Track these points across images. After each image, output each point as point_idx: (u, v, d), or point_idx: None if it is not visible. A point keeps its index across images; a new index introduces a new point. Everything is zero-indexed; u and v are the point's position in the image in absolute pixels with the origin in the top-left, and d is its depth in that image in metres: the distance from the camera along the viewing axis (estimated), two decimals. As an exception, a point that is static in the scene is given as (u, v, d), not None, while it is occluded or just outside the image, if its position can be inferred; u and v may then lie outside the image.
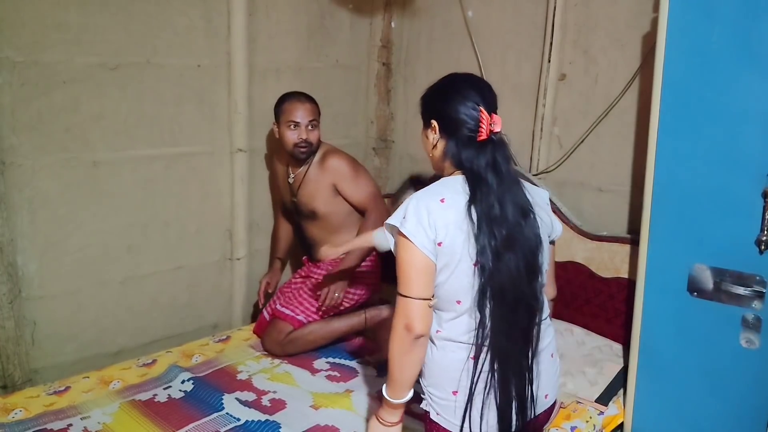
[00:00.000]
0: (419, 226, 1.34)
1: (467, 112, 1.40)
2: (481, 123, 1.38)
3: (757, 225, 1.70)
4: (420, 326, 1.35)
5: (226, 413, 1.93)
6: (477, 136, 1.39)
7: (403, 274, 1.36)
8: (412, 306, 1.35)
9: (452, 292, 1.38)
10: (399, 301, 1.37)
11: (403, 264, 1.36)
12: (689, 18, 1.75)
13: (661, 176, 1.87)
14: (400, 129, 3.21)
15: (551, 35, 2.52)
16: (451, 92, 1.44)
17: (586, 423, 1.96)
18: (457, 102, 1.42)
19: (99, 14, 2.14)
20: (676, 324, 1.90)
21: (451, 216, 1.36)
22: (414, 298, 1.35)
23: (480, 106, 1.39)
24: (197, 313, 2.64)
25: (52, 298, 2.20)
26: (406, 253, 1.36)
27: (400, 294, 1.36)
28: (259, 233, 2.79)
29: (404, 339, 1.36)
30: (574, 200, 2.57)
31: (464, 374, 1.41)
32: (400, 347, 1.38)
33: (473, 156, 1.39)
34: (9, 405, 1.92)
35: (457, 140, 1.41)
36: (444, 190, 1.40)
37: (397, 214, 1.39)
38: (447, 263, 1.36)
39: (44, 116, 2.08)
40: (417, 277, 1.35)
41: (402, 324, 1.36)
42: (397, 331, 1.37)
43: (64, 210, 2.18)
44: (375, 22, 3.09)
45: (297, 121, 2.33)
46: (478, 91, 1.43)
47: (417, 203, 1.37)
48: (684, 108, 1.80)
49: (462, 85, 1.45)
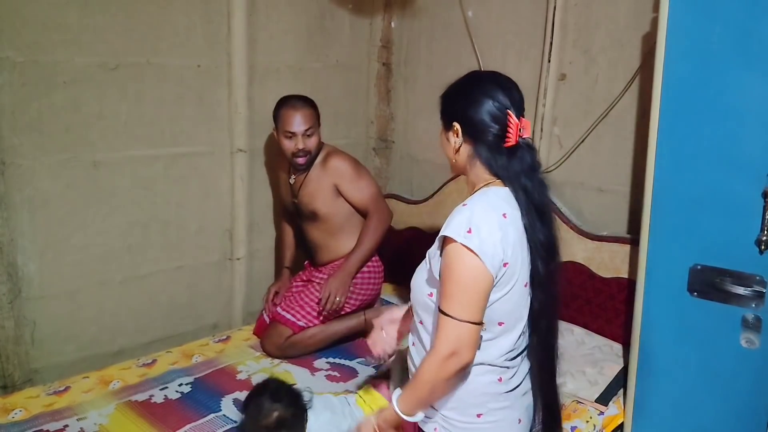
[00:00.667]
0: (490, 244, 1.22)
1: (494, 114, 1.30)
2: (509, 127, 1.29)
3: (757, 225, 1.70)
4: (470, 355, 1.23)
5: (223, 414, 1.93)
6: (504, 141, 1.30)
7: (459, 294, 1.22)
8: (466, 331, 1.21)
9: (499, 314, 1.30)
10: (447, 324, 1.22)
11: (463, 282, 1.22)
12: (689, 18, 1.74)
13: (661, 176, 1.87)
14: (400, 129, 3.21)
15: (551, 35, 2.52)
16: (476, 92, 1.32)
17: (586, 423, 1.95)
18: (482, 103, 1.30)
19: (99, 14, 2.14)
20: (676, 324, 1.90)
21: (513, 234, 1.27)
22: (470, 322, 1.22)
23: (508, 109, 1.30)
24: (197, 313, 2.64)
25: (52, 298, 2.20)
26: (469, 272, 1.22)
27: (450, 316, 1.22)
28: (259, 233, 2.79)
29: (450, 368, 1.23)
30: (574, 200, 2.56)
31: (491, 397, 1.34)
32: (441, 373, 1.24)
33: (507, 164, 1.30)
34: (9, 405, 1.92)
35: (484, 145, 1.32)
36: (502, 204, 1.29)
37: (456, 225, 1.24)
38: (504, 284, 1.27)
39: (44, 116, 2.08)
40: (478, 299, 1.22)
41: (449, 349, 1.22)
42: (440, 357, 1.23)
43: (64, 210, 2.18)
44: (375, 22, 3.09)
45: (293, 131, 2.30)
46: (505, 91, 1.32)
47: (482, 215, 1.25)
48: (684, 108, 1.79)
49: (488, 84, 1.33)
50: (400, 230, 2.99)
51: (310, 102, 2.38)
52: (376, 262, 2.49)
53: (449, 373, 1.24)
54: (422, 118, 3.06)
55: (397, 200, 3.05)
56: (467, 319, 1.22)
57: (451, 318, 1.22)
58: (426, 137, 3.04)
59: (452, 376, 1.25)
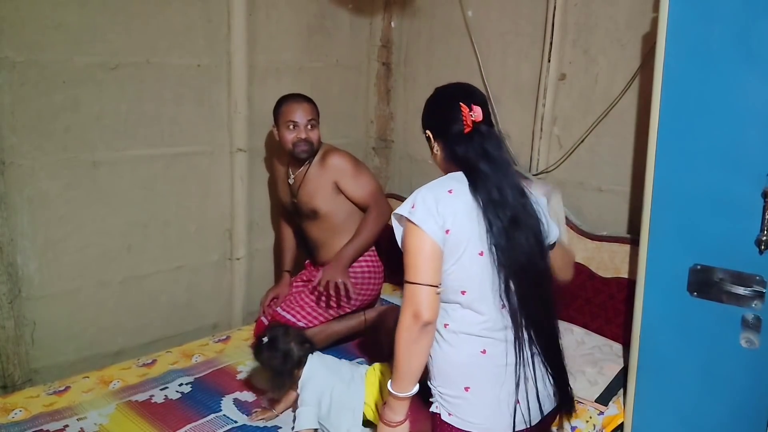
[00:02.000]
0: (428, 214, 1.37)
1: (451, 110, 1.45)
2: (463, 116, 1.43)
3: (757, 225, 1.70)
4: (428, 313, 1.36)
5: (223, 415, 1.93)
6: (464, 130, 1.44)
7: (411, 261, 1.38)
8: (421, 292, 1.36)
9: (457, 282, 1.40)
10: (407, 289, 1.38)
11: (412, 251, 1.38)
12: (689, 18, 1.74)
13: (661, 176, 1.87)
14: (400, 129, 3.21)
15: (551, 35, 2.52)
16: (436, 100, 1.53)
17: (586, 423, 1.96)
18: (440, 106, 1.50)
19: (99, 14, 2.14)
20: (676, 324, 1.90)
21: (459, 205, 1.40)
22: (422, 284, 1.36)
23: (459, 101, 1.44)
24: (197, 313, 2.64)
25: (52, 298, 2.20)
26: (415, 240, 1.38)
27: (408, 281, 1.38)
28: (258, 233, 2.79)
29: (412, 327, 1.36)
30: (574, 200, 2.56)
31: (476, 369, 1.42)
32: (408, 336, 1.37)
33: (464, 149, 1.44)
34: (9, 405, 1.92)
35: (447, 139, 1.47)
36: (451, 182, 1.44)
37: (405, 205, 1.42)
38: (452, 251, 1.39)
39: (44, 116, 2.08)
40: (425, 263, 1.37)
41: (410, 312, 1.36)
42: (405, 319, 1.37)
43: (64, 210, 2.18)
44: (375, 22, 3.09)
45: (296, 121, 2.31)
46: (457, 89, 1.50)
47: (425, 193, 1.41)
48: (684, 108, 1.79)
49: (443, 90, 1.53)
50: (400, 230, 2.98)
51: (311, 99, 2.39)
52: (376, 261, 2.49)
53: (414, 333, 1.36)
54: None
55: (397, 200, 3.04)
56: (421, 282, 1.36)
57: (409, 283, 1.37)
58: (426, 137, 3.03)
59: (419, 338, 1.36)
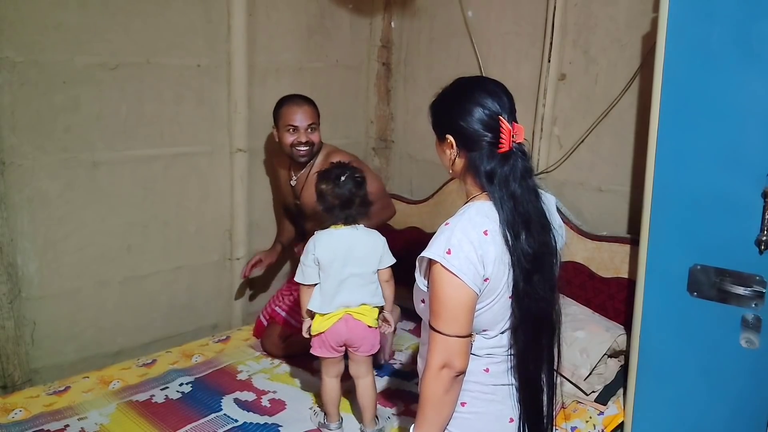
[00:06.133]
0: (467, 262, 1.23)
1: (485, 122, 1.28)
2: (502, 134, 1.26)
3: (757, 225, 1.70)
4: (461, 363, 1.26)
5: (224, 414, 1.93)
6: (498, 147, 1.28)
7: (445, 312, 1.25)
8: (454, 345, 1.25)
9: (483, 323, 1.32)
10: (437, 339, 1.25)
11: (446, 300, 1.25)
12: (689, 18, 1.74)
13: (661, 176, 1.87)
14: (400, 129, 3.21)
15: (551, 35, 2.52)
16: (464, 102, 1.30)
17: (586, 423, 1.96)
18: (472, 113, 1.28)
19: (99, 14, 2.14)
20: (676, 324, 1.90)
21: (496, 249, 1.27)
22: (457, 336, 1.25)
23: (499, 115, 1.28)
24: (197, 313, 2.64)
25: (52, 298, 2.20)
26: (450, 290, 1.24)
27: (439, 332, 1.25)
28: (258, 233, 2.79)
29: (444, 379, 1.25)
30: (574, 200, 2.56)
31: (475, 386, 1.35)
32: (440, 387, 1.26)
33: (497, 170, 1.28)
34: (9, 405, 1.92)
35: (478, 154, 1.30)
36: (483, 220, 1.28)
37: (436, 247, 1.25)
38: (487, 296, 1.29)
39: (44, 116, 2.08)
40: (462, 315, 1.25)
41: (440, 363, 1.25)
42: (433, 371, 1.25)
43: (64, 210, 2.18)
44: (375, 22, 3.09)
45: (295, 125, 2.29)
46: (494, 96, 1.30)
47: (461, 237, 1.25)
48: (684, 108, 1.80)
49: (475, 92, 1.31)
50: (400, 230, 2.99)
51: (312, 101, 2.37)
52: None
53: (444, 383, 1.26)
54: (422, 118, 3.03)
55: (397, 200, 3.04)
56: (454, 334, 1.25)
57: (440, 333, 1.25)
58: (426, 137, 2.99)
59: (449, 387, 1.27)
